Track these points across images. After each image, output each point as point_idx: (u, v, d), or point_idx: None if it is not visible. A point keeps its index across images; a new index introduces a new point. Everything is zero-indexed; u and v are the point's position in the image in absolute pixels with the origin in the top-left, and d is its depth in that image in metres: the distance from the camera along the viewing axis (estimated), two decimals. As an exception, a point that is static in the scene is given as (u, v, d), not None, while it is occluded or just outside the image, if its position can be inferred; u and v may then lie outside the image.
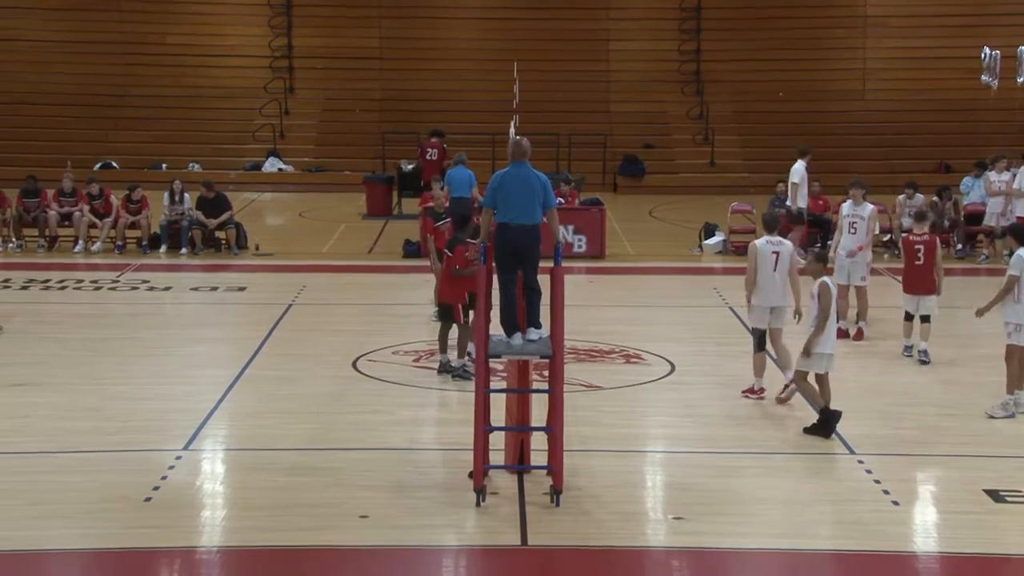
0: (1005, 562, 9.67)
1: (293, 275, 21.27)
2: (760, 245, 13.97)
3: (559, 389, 10.71)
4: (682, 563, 9.66)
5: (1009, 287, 13.02)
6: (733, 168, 32.78)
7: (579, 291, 18.11)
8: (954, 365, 15.49)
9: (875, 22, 36.02)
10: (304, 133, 35.25)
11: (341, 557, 9.65)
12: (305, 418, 13.11)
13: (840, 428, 12.40)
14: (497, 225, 10.96)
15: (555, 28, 35.56)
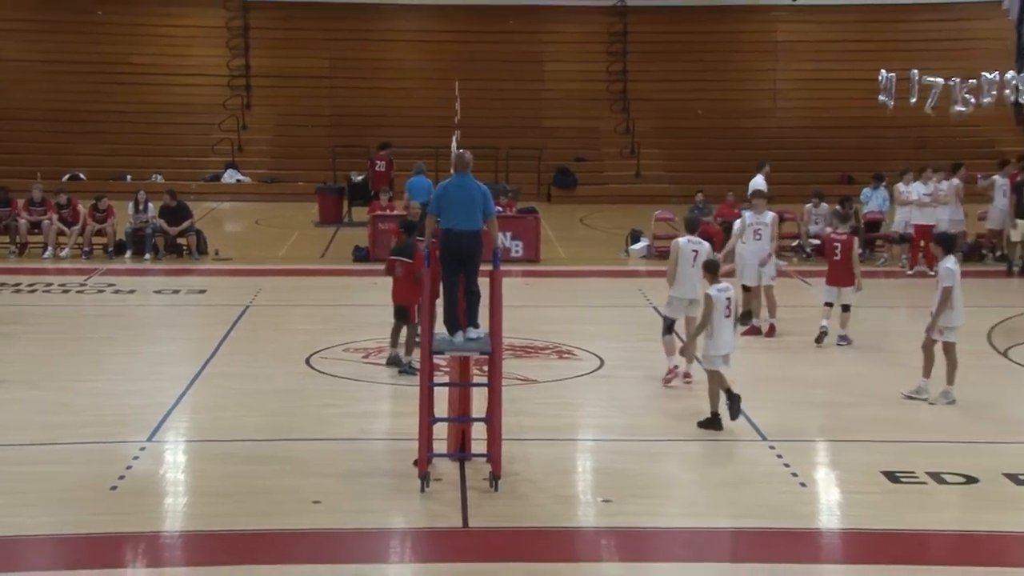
0: (900, 537, 9.78)
1: (250, 278, 21.12)
2: (682, 243, 14.22)
3: (497, 383, 10.74)
4: (610, 542, 9.69)
5: (945, 298, 13.16)
6: (657, 179, 32.95)
7: (516, 292, 18.11)
8: (858, 359, 15.67)
9: (784, 47, 36.39)
10: (260, 147, 35.02)
11: (296, 540, 9.60)
12: (262, 411, 13.03)
13: (753, 416, 12.51)
14: (441, 231, 10.98)
15: (493, 50, 35.60)
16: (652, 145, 34.41)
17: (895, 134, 32.20)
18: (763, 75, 36.27)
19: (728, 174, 29.58)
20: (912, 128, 31.11)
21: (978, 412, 13.10)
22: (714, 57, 35.88)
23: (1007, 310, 18.21)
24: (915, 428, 12.57)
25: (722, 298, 12.37)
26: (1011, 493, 10.67)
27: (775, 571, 9.04)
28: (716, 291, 12.44)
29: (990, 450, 11.81)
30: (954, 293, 13.14)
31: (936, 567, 9.26)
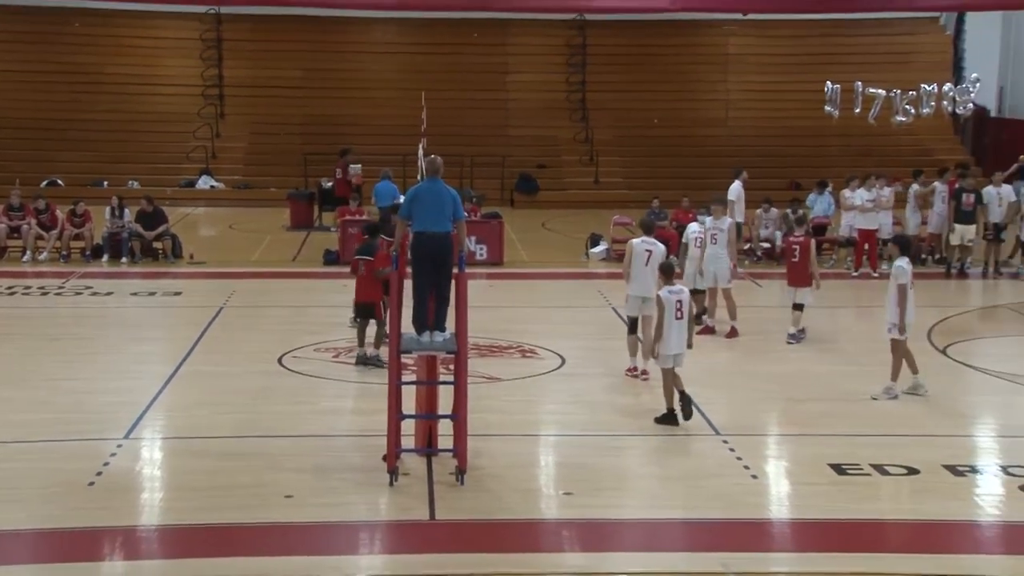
0: (845, 525, 9.85)
1: (224, 281, 20.99)
2: (636, 244, 14.41)
3: (463, 381, 10.73)
4: (572, 533, 9.70)
5: (902, 293, 13.27)
6: (615, 185, 33.01)
7: (481, 294, 18.14)
8: (807, 357, 15.77)
9: (736, 60, 36.56)
10: (234, 154, 34.81)
11: (268, 533, 9.56)
12: (236, 409, 12.97)
13: (707, 412, 12.57)
14: (413, 234, 10.97)
15: (459, 62, 35.58)
16: (610, 153, 34.48)
17: (840, 142, 32.44)
18: (715, 86, 36.43)
19: (683, 180, 29.76)
20: (856, 137, 31.33)
21: (919, 407, 13.20)
22: (669, 69, 35.99)
23: (946, 310, 18.39)
24: (860, 423, 12.65)
25: (672, 300, 12.41)
26: (949, 483, 10.77)
27: (728, 559, 9.07)
28: (667, 292, 12.49)
29: (930, 443, 11.91)
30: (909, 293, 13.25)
31: (879, 554, 9.32)
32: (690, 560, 9.20)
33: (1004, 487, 10.75)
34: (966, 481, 10.89)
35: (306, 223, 27.86)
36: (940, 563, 9.13)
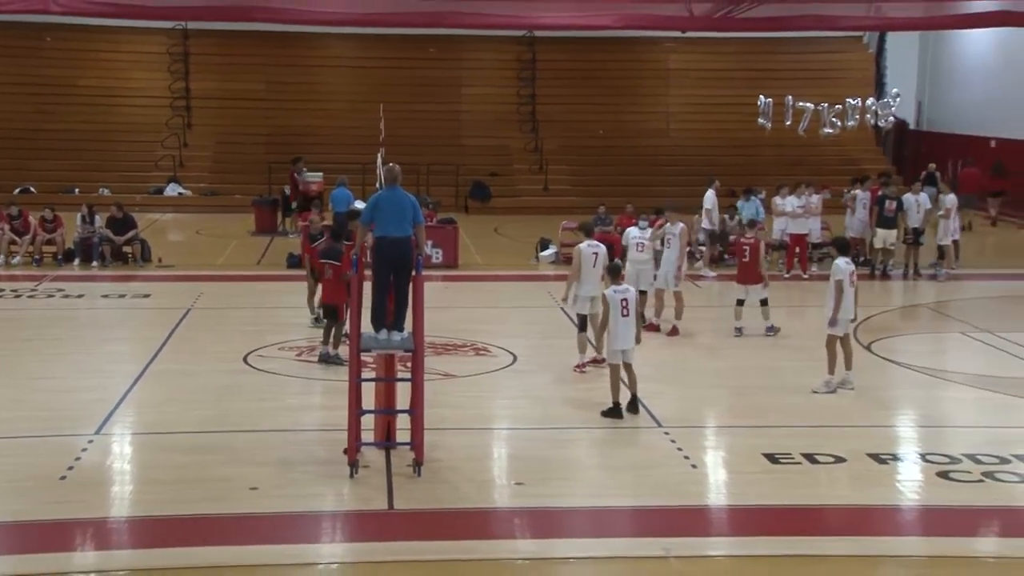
0: (778, 511, 9.92)
1: (192, 284, 20.78)
2: (583, 248, 14.45)
3: (420, 378, 10.72)
4: (523, 521, 9.70)
5: (838, 289, 13.38)
6: (563, 192, 33.08)
7: (437, 295, 18.10)
8: (744, 353, 15.87)
9: (676, 74, 36.78)
10: (201, 163, 34.50)
11: (234, 523, 9.49)
12: (203, 406, 12.84)
13: (651, 406, 12.61)
14: (375, 239, 10.94)
15: (415, 75, 35.49)
16: (559, 162, 34.55)
17: (773, 152, 32.70)
18: (657, 99, 36.62)
19: (627, 187, 29.86)
20: (787, 147, 31.60)
21: (846, 400, 13.33)
22: (613, 83, 36.13)
23: (870, 309, 18.55)
24: (792, 415, 12.75)
25: (617, 298, 12.45)
26: (874, 471, 10.88)
27: (669, 544, 9.10)
28: (612, 291, 12.54)
29: (856, 433, 12.01)
30: (845, 290, 13.38)
31: (809, 537, 9.40)
32: (634, 545, 9.24)
33: (923, 474, 10.88)
34: (889, 468, 11.01)
35: (270, 228, 27.69)
36: (865, 545, 9.22)
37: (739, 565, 8.93)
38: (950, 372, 14.90)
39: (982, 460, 11.06)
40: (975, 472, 10.76)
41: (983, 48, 32.96)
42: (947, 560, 8.99)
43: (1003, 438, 11.88)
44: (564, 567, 8.85)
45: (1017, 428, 12.48)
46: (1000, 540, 9.59)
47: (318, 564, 8.85)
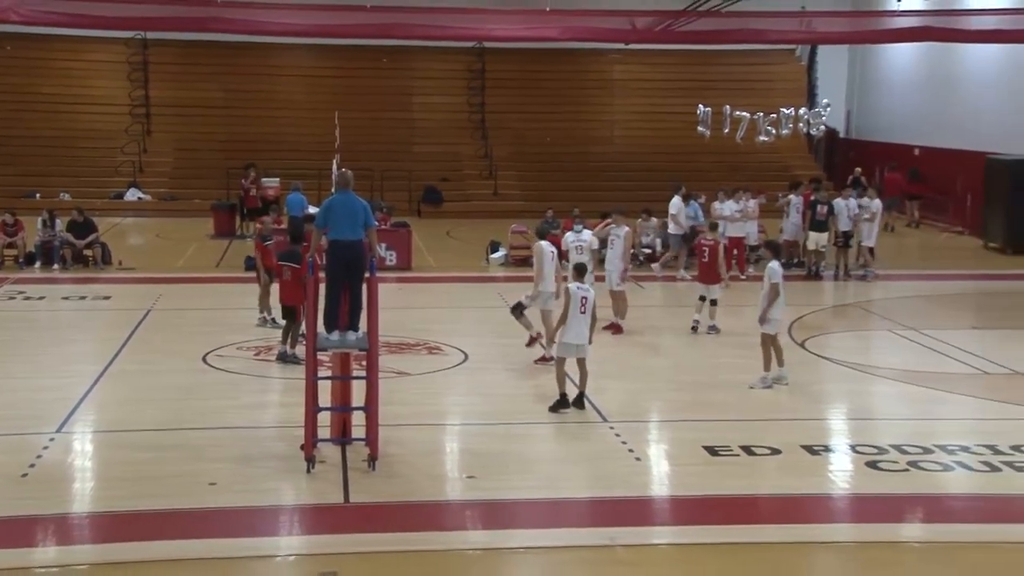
0: (718, 501, 10.00)
1: (151, 286, 20.53)
2: (543, 246, 14.49)
3: (374, 376, 10.67)
4: (475, 513, 9.70)
5: (775, 292, 13.50)
6: (512, 197, 33.09)
7: (391, 296, 18.01)
8: (684, 351, 15.98)
9: (620, 85, 36.94)
10: (160, 168, 34.08)
11: (193, 518, 9.39)
12: (163, 404, 12.69)
13: (596, 401, 12.66)
14: (329, 242, 10.90)
15: (369, 85, 35.35)
16: (508, 168, 34.56)
17: (712, 159, 32.93)
18: (602, 108, 36.75)
19: (573, 192, 29.91)
20: (726, 154, 31.83)
21: (781, 395, 13.46)
22: (560, 92, 36.21)
23: (804, 308, 18.77)
24: (730, 409, 12.85)
25: (579, 295, 12.49)
26: (808, 462, 11.00)
27: (615, 533, 9.14)
28: (575, 288, 12.59)
29: (790, 426, 12.12)
30: (781, 291, 13.51)
31: (747, 525, 9.48)
32: (581, 535, 9.27)
33: (853, 464, 11.01)
34: (821, 459, 11.13)
35: (228, 232, 27.43)
36: (799, 532, 9.32)
37: (681, 553, 8.98)
38: (878, 367, 15.09)
39: (907, 450, 11.22)
40: (901, 461, 10.91)
41: (907, 61, 33.46)
42: (875, 545, 9.11)
43: (927, 429, 12.07)
44: (514, 556, 8.86)
45: (939, 420, 12.69)
46: (924, 526, 9.74)
47: (276, 556, 8.79)
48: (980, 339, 16.69)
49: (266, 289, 16.59)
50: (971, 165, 28.14)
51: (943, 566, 8.68)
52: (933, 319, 18.21)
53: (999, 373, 14.66)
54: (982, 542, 9.10)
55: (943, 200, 30.26)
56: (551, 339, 13.88)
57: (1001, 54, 27.90)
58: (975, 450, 11.24)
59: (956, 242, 28.01)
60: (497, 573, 8.56)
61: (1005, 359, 15.24)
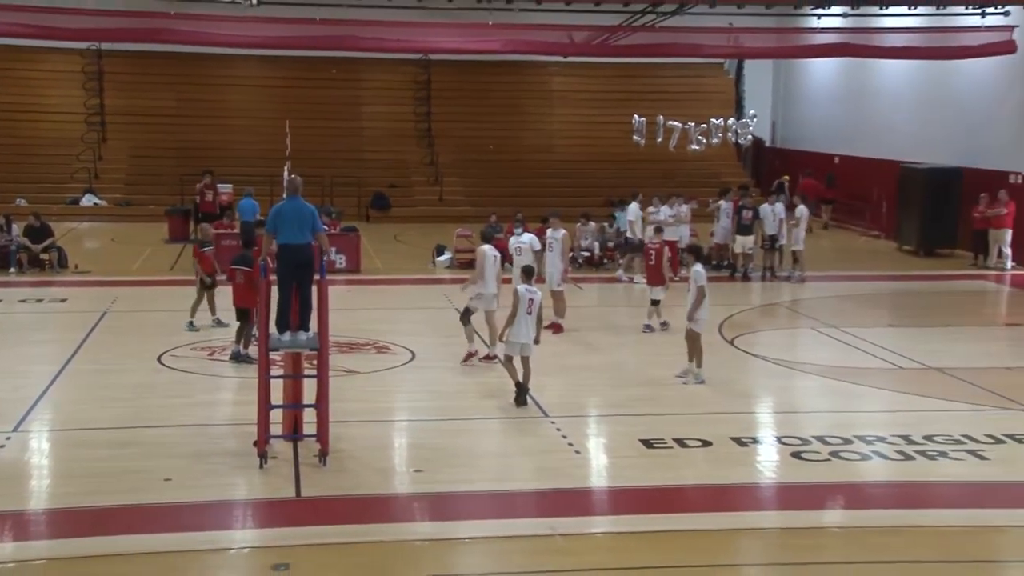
0: (653, 491, 10.06)
1: (107, 289, 20.21)
2: (486, 250, 14.48)
3: (325, 374, 10.61)
4: (423, 505, 9.67)
5: (701, 293, 13.62)
6: (457, 203, 33.04)
7: (340, 298, 17.87)
8: (621, 348, 16.06)
9: (559, 95, 37.05)
10: (115, 175, 33.51)
11: (149, 513, 9.26)
12: (118, 403, 12.50)
13: (538, 397, 12.69)
14: (279, 246, 10.82)
15: (319, 94, 35.08)
16: (453, 174, 34.51)
17: (646, 167, 33.12)
18: (542, 118, 36.83)
19: (515, 198, 29.96)
20: (659, 162, 32.05)
21: (712, 389, 13.58)
22: (502, 102, 36.24)
23: (733, 308, 18.98)
24: (664, 404, 12.95)
25: (527, 296, 12.53)
26: (737, 453, 11.11)
27: (556, 523, 9.17)
28: (524, 289, 12.62)
29: (721, 419, 12.24)
30: (706, 292, 13.64)
31: (681, 514, 9.56)
32: (523, 525, 9.27)
33: (779, 455, 11.15)
34: (750, 451, 11.25)
35: (183, 236, 27.04)
36: (729, 520, 9.42)
37: (618, 541, 9.03)
38: (802, 363, 15.30)
39: (829, 441, 11.39)
40: (823, 452, 11.07)
41: (827, 75, 33.96)
42: (799, 531, 9.23)
43: (847, 421, 12.25)
44: (460, 546, 8.85)
45: (859, 412, 12.90)
46: (845, 512, 9.89)
47: (229, 550, 8.69)
48: (896, 336, 16.99)
49: (201, 294, 16.45)
50: (886, 173, 28.64)
51: (859, 549, 8.82)
52: (853, 318, 18.50)
53: (913, 368, 14.93)
54: (896, 526, 9.25)
55: (861, 205, 30.76)
56: (496, 338, 13.88)
57: (913, 69, 28.45)
58: (891, 440, 11.45)
59: (873, 245, 28.48)
60: (443, 563, 8.54)
61: (918, 355, 15.53)
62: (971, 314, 19.55)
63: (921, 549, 8.81)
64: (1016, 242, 23.95)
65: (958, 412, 12.66)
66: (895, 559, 8.59)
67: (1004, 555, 9.00)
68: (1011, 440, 11.51)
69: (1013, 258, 23.93)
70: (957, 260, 25.22)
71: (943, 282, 22.80)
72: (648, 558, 8.55)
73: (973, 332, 17.63)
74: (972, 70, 25.82)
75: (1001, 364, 15.24)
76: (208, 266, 16.52)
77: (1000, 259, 24.04)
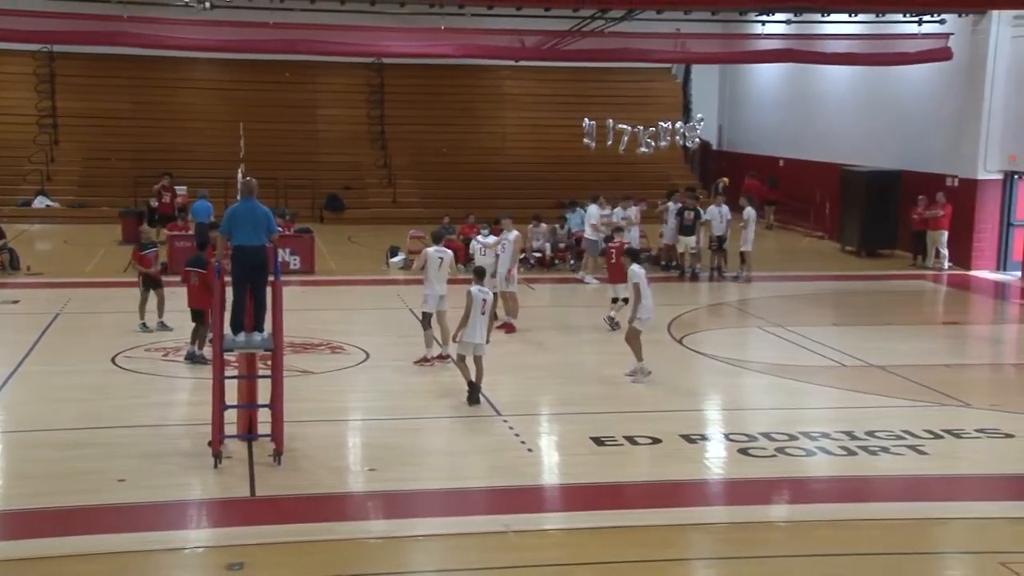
0: (604, 488, 10.11)
1: (60, 290, 19.87)
2: (430, 252, 14.44)
3: (279, 374, 10.52)
4: (376, 503, 9.63)
5: (636, 291, 13.70)
6: (410, 204, 32.92)
7: (295, 299, 17.74)
8: (573, 347, 16.10)
9: (511, 99, 37.06)
10: (68, 177, 32.95)
11: (103, 513, 9.12)
12: (72, 404, 12.29)
13: (491, 396, 12.68)
14: (233, 248, 10.71)
15: (273, 97, 34.78)
16: (406, 176, 34.39)
17: (596, 169, 33.23)
18: (494, 120, 36.82)
19: (468, 200, 29.89)
20: (609, 164, 32.15)
21: (661, 387, 13.65)
22: (455, 105, 36.17)
23: (681, 307, 19.10)
24: (615, 402, 13.00)
25: (479, 297, 12.51)
26: (686, 450, 11.18)
27: (509, 520, 9.16)
28: (476, 290, 12.60)
29: (670, 417, 12.32)
30: (642, 290, 13.72)
31: (632, 510, 9.59)
32: (477, 523, 9.26)
33: (727, 451, 11.24)
34: (698, 447, 11.33)
35: (137, 238, 26.48)
36: (678, 515, 9.47)
37: (570, 537, 9.04)
38: (749, 362, 15.44)
39: (775, 438, 11.50)
40: (769, 448, 11.18)
41: (772, 80, 34.33)
42: (746, 526, 9.32)
43: (792, 418, 12.39)
44: (414, 544, 8.81)
45: (804, 409, 13.04)
46: (790, 507, 9.99)
47: (184, 549, 8.59)
48: (839, 335, 17.20)
49: (145, 294, 16.26)
50: (829, 175, 28.99)
51: (805, 542, 8.92)
52: (798, 317, 18.70)
53: (855, 366, 15.13)
54: (840, 520, 9.37)
55: (805, 207, 31.11)
56: (448, 338, 13.85)
57: (854, 75, 28.84)
58: (835, 436, 11.59)
59: (817, 246, 28.82)
60: (398, 561, 8.50)
61: (861, 353, 15.73)
62: (911, 313, 19.86)
63: (864, 542, 8.93)
64: (953, 243, 24.38)
65: (899, 408, 12.85)
66: (839, 552, 8.69)
67: (944, 547, 9.14)
68: (949, 435, 11.70)
69: (950, 258, 24.35)
70: (897, 260, 25.62)
71: (884, 282, 23.14)
72: (600, 553, 8.58)
73: (913, 330, 17.91)
74: (910, 76, 26.24)
75: (940, 361, 15.49)
76: (147, 263, 16.40)
77: (938, 259, 24.45)
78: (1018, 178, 23.88)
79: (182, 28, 24.17)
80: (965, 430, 11.89)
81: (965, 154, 24.45)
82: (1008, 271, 23.82)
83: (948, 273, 23.96)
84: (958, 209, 24.25)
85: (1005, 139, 23.75)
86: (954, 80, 24.91)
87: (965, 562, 8.70)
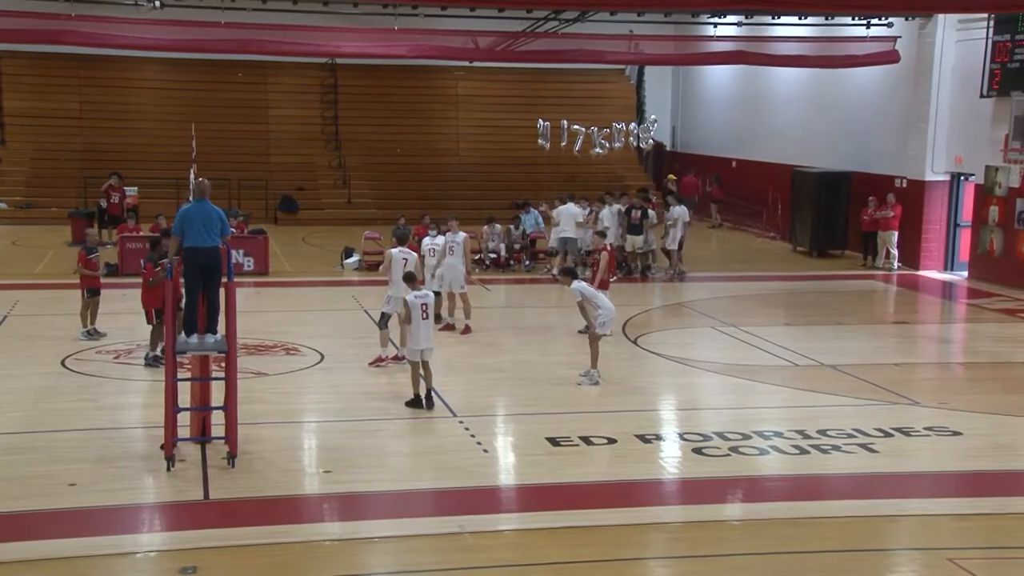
0: (560, 488, 10.12)
1: (8, 292, 19.51)
2: (394, 253, 14.46)
3: (233, 376, 10.43)
4: (331, 505, 9.57)
5: (583, 308, 13.76)
6: (365, 205, 32.79)
7: (249, 300, 17.62)
8: (527, 348, 16.10)
9: (465, 100, 37.03)
10: (16, 177, 32.37)
11: (53, 518, 8.97)
12: (22, 407, 12.08)
13: (446, 397, 12.65)
14: (186, 249, 10.60)
15: (225, 97, 34.45)
16: (360, 177, 34.23)
17: (551, 170, 33.35)
18: (448, 121, 36.78)
19: (422, 200, 29.84)
20: (563, 165, 32.28)
21: (616, 388, 13.71)
22: (409, 106, 36.07)
23: (634, 308, 19.17)
24: (570, 402, 13.03)
25: (417, 303, 12.44)
26: (641, 449, 11.24)
27: (464, 521, 9.15)
28: (412, 297, 12.51)
29: (625, 417, 12.37)
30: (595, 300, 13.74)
31: (587, 510, 9.60)
32: (433, 524, 9.23)
33: (681, 451, 11.31)
34: (653, 447, 11.39)
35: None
36: (633, 515, 9.50)
37: (526, 537, 9.04)
38: (702, 361, 15.55)
39: (729, 437, 11.60)
40: (723, 447, 11.27)
41: (724, 82, 34.63)
42: (701, 524, 9.38)
43: (745, 417, 12.50)
44: (369, 546, 8.77)
45: (757, 408, 13.17)
46: (744, 505, 10.07)
47: (136, 553, 8.47)
48: (791, 334, 17.39)
49: (87, 302, 16.04)
50: (780, 176, 29.31)
51: (759, 540, 9.00)
52: (751, 317, 18.87)
53: (808, 365, 15.30)
54: (793, 518, 9.46)
55: (757, 208, 31.42)
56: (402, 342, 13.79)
57: (804, 77, 29.19)
58: (787, 435, 11.71)
59: (769, 246, 29.11)
60: (352, 562, 8.45)
61: (812, 352, 15.92)
62: (861, 313, 20.13)
63: (817, 539, 9.02)
64: (901, 243, 24.76)
65: (850, 407, 13.01)
66: (793, 550, 8.78)
67: (894, 543, 9.27)
68: (899, 433, 11.88)
69: (900, 259, 24.73)
70: (848, 261, 25.96)
71: (835, 282, 23.43)
72: (555, 553, 8.59)
73: (863, 330, 18.16)
74: (859, 78, 26.61)
75: (890, 360, 15.72)
76: (93, 267, 16.18)
77: (888, 260, 24.82)
78: (964, 180, 24.30)
79: (131, 27, 23.84)
80: (914, 428, 12.07)
81: (912, 155, 24.84)
82: (955, 271, 24.24)
83: (897, 273, 24.32)
84: (906, 210, 24.63)
85: (951, 141, 24.17)
86: (901, 82, 25.30)
87: (914, 558, 8.83)
